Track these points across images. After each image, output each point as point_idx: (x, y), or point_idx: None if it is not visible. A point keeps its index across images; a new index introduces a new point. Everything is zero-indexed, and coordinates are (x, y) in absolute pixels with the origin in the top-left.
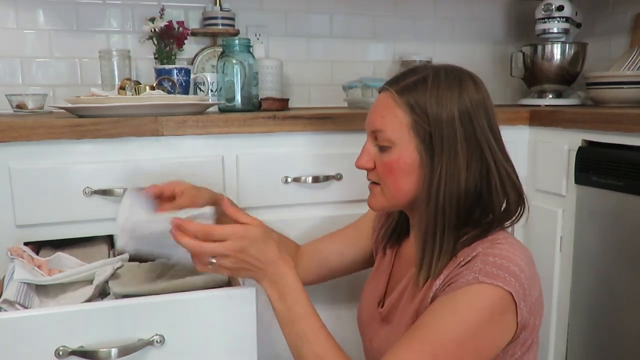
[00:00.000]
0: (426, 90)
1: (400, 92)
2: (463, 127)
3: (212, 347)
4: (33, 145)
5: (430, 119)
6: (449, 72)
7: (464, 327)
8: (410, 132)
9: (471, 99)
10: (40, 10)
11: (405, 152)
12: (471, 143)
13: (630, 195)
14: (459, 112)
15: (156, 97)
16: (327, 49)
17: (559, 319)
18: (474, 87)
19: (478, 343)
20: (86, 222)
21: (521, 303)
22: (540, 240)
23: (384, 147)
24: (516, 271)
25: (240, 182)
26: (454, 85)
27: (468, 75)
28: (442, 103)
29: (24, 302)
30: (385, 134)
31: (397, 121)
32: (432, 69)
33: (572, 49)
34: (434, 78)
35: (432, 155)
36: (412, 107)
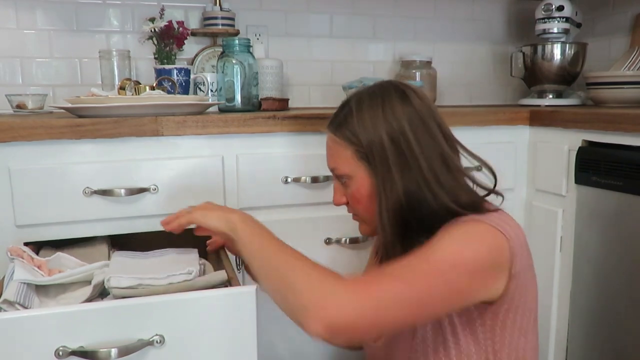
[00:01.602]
0: (353, 119)
1: (336, 129)
2: (392, 142)
3: (212, 347)
4: (33, 145)
5: (364, 143)
6: (371, 94)
7: (461, 252)
8: (357, 162)
9: (397, 114)
10: (40, 10)
11: (360, 180)
12: (402, 155)
13: (630, 195)
14: (386, 130)
15: (156, 97)
16: (327, 49)
17: (559, 318)
18: (399, 101)
19: (470, 273)
20: (86, 222)
21: (517, 255)
22: (540, 240)
23: (344, 181)
24: (509, 223)
25: (240, 182)
26: (376, 105)
27: (393, 90)
28: (368, 127)
29: (24, 302)
30: (339, 170)
31: (343, 156)
32: (355, 96)
33: (572, 49)
34: (357, 105)
35: (376, 175)
36: (349, 139)
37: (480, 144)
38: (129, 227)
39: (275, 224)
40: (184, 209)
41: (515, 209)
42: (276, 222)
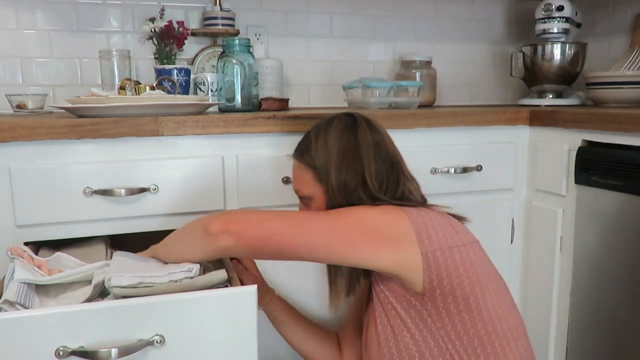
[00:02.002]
0: (311, 148)
1: (299, 156)
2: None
3: (212, 347)
4: (33, 145)
5: (319, 167)
6: (327, 123)
7: (363, 211)
8: (316, 184)
9: (337, 140)
10: (40, 10)
11: (319, 200)
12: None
13: (630, 195)
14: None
15: (156, 97)
16: (327, 49)
17: (559, 319)
18: (340, 130)
19: (364, 225)
20: (86, 222)
21: (422, 233)
22: (540, 240)
23: (306, 202)
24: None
25: (240, 182)
26: (324, 133)
27: (337, 124)
28: (319, 155)
29: (25, 303)
30: (302, 191)
31: (305, 178)
32: (315, 127)
33: (572, 49)
34: (314, 134)
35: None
36: (309, 164)
37: (480, 144)
38: (129, 227)
39: None
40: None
41: (515, 209)
42: None
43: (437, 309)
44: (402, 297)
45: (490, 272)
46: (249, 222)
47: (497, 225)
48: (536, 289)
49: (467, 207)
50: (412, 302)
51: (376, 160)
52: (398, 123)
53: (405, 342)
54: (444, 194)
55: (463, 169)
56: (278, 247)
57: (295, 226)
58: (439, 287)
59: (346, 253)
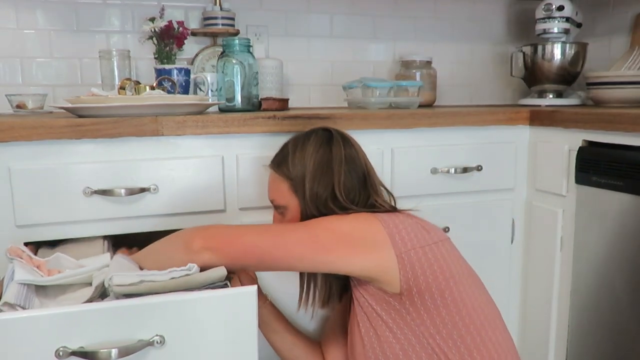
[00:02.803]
0: (288, 160)
1: (277, 166)
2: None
3: (212, 348)
4: (33, 145)
5: (295, 179)
6: (303, 139)
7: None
8: (292, 194)
9: (312, 154)
10: (40, 10)
11: (293, 210)
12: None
13: (630, 195)
14: (302, 170)
15: (156, 97)
16: (327, 49)
17: (559, 319)
18: (316, 145)
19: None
20: (86, 222)
21: (395, 235)
22: (540, 240)
23: (280, 210)
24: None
25: (240, 182)
26: (300, 148)
27: (314, 138)
28: (295, 166)
29: (24, 305)
30: (277, 201)
31: (280, 189)
32: (292, 139)
33: (572, 49)
34: (292, 146)
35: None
36: (286, 175)
37: (480, 144)
38: (129, 227)
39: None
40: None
41: (515, 209)
42: None
43: (415, 307)
44: (381, 299)
45: (463, 267)
46: (228, 237)
47: (497, 225)
48: (536, 289)
49: (467, 207)
50: (390, 303)
51: (347, 173)
52: (398, 123)
53: (388, 342)
54: (444, 194)
55: (463, 169)
56: (258, 260)
57: (273, 238)
58: (415, 286)
59: (322, 261)
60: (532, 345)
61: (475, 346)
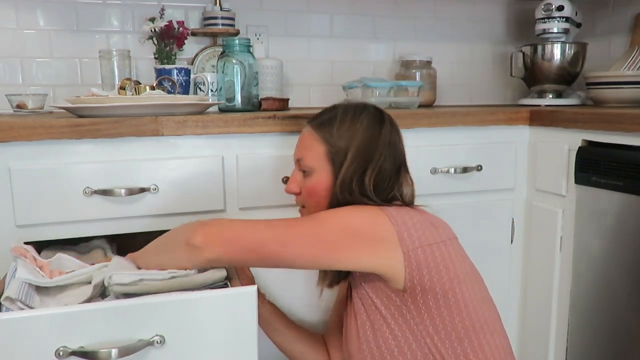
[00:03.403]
0: (335, 123)
1: (318, 126)
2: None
3: (212, 347)
4: (33, 145)
5: (335, 148)
6: (355, 109)
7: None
8: (325, 160)
9: (363, 131)
10: (40, 10)
11: (322, 176)
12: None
13: (630, 195)
14: (348, 142)
15: (156, 97)
16: (327, 49)
17: (559, 319)
18: (367, 122)
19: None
20: (86, 222)
21: (403, 232)
22: (540, 240)
23: (306, 172)
24: (398, 209)
25: (240, 182)
26: (352, 119)
27: (370, 112)
28: (342, 136)
29: (25, 300)
30: (306, 161)
31: (315, 151)
32: (343, 106)
33: (572, 49)
34: (342, 113)
35: (335, 176)
36: (326, 139)
37: (480, 144)
38: (129, 227)
39: None
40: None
41: (515, 209)
42: None
43: (416, 305)
44: (382, 293)
45: (468, 267)
46: (232, 233)
47: (497, 225)
48: (536, 289)
49: (467, 207)
50: (392, 298)
51: (387, 158)
52: (398, 123)
53: (384, 337)
54: (444, 194)
55: (463, 169)
56: (263, 257)
57: (280, 236)
58: (419, 284)
59: (330, 259)
60: (532, 345)
61: (472, 349)
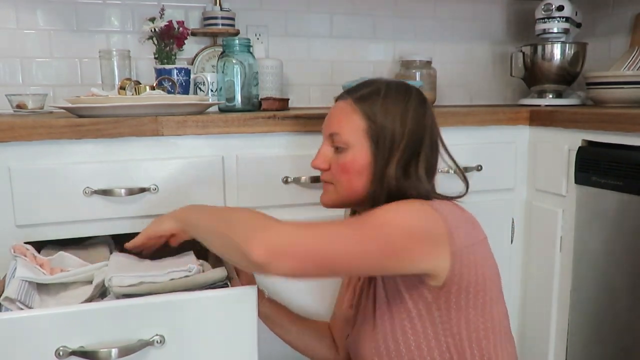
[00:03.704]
0: (379, 99)
1: (357, 100)
2: (400, 135)
3: (212, 347)
4: (33, 145)
5: (379, 125)
6: (399, 88)
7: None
8: (365, 137)
9: (413, 112)
10: (40, 10)
11: (359, 154)
12: (402, 149)
13: (630, 195)
14: (400, 122)
15: (156, 97)
16: (327, 49)
17: (559, 319)
18: (416, 103)
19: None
20: (86, 222)
21: (453, 232)
22: (540, 240)
23: (340, 148)
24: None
25: (240, 182)
26: (400, 99)
27: (414, 93)
28: (388, 113)
29: (25, 300)
30: (341, 136)
31: (354, 126)
32: (385, 83)
33: (572, 49)
34: (386, 91)
35: (378, 158)
36: (367, 114)
37: (480, 144)
38: (129, 227)
39: None
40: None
41: (515, 209)
42: None
43: (448, 304)
44: (415, 289)
45: (495, 268)
46: (302, 248)
47: (497, 225)
48: (536, 289)
49: (467, 207)
50: (424, 294)
51: (432, 145)
52: None
53: (403, 330)
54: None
55: (463, 169)
56: (333, 272)
57: (352, 249)
58: (457, 283)
59: (397, 267)
60: (532, 345)
61: (487, 352)
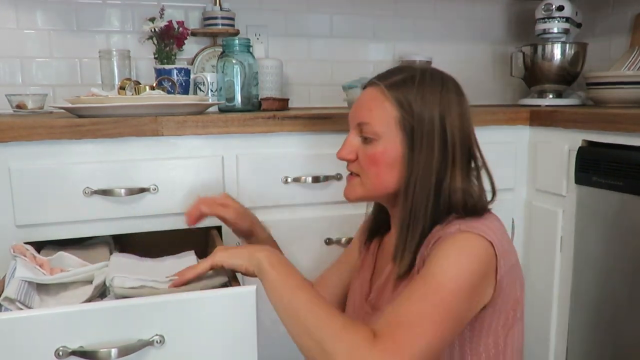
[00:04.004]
0: (413, 88)
1: (390, 87)
2: (441, 127)
3: (212, 347)
4: (33, 145)
5: (415, 115)
6: (433, 75)
7: (457, 270)
8: (397, 127)
9: (450, 102)
10: (40, 10)
11: (390, 145)
12: (444, 142)
13: (630, 195)
14: (439, 112)
15: (156, 97)
16: (327, 49)
17: (559, 319)
18: (454, 91)
19: (471, 288)
20: (86, 222)
21: (501, 258)
22: (540, 240)
23: (369, 139)
24: (492, 228)
25: (240, 182)
26: (437, 87)
27: (450, 80)
28: (426, 101)
29: (25, 300)
30: (371, 126)
31: (385, 115)
32: (419, 69)
33: (572, 49)
34: (421, 78)
35: (413, 150)
36: (400, 102)
37: (480, 144)
38: (129, 227)
39: (276, 224)
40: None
41: (515, 209)
42: (276, 222)
43: (481, 324)
44: None
45: (524, 286)
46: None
47: None
48: (536, 289)
49: None
50: None
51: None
52: None
53: None
54: None
55: None
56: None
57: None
58: (493, 306)
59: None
60: (532, 345)
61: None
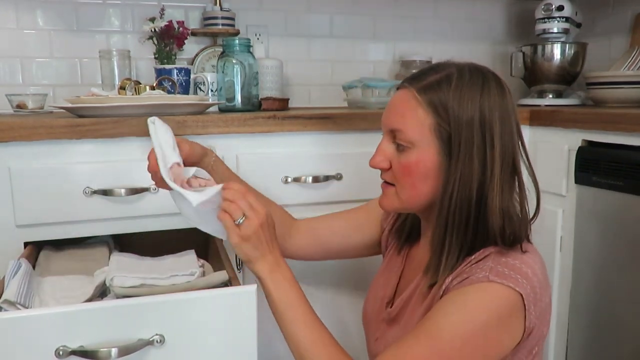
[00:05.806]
0: (449, 90)
1: (423, 90)
2: (481, 131)
3: (212, 347)
4: (33, 145)
5: (452, 121)
6: (473, 72)
7: (471, 325)
8: (432, 134)
9: (492, 102)
10: (40, 10)
11: (425, 154)
12: (484, 152)
13: (630, 195)
14: (479, 115)
15: (156, 97)
16: (327, 49)
17: (559, 319)
18: (496, 90)
19: (484, 343)
20: (86, 222)
21: (531, 307)
22: (540, 240)
23: (402, 147)
24: (528, 273)
25: None
26: (476, 87)
27: (492, 77)
28: (463, 105)
29: (24, 302)
30: (405, 134)
31: (419, 122)
32: (455, 67)
33: (572, 49)
34: (459, 78)
35: (451, 159)
36: (435, 107)
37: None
38: (129, 227)
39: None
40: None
41: None
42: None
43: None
44: None
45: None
46: None
47: None
48: None
49: None
50: None
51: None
52: None
53: None
54: None
55: None
56: None
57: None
58: (522, 345)
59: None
60: None
61: None
